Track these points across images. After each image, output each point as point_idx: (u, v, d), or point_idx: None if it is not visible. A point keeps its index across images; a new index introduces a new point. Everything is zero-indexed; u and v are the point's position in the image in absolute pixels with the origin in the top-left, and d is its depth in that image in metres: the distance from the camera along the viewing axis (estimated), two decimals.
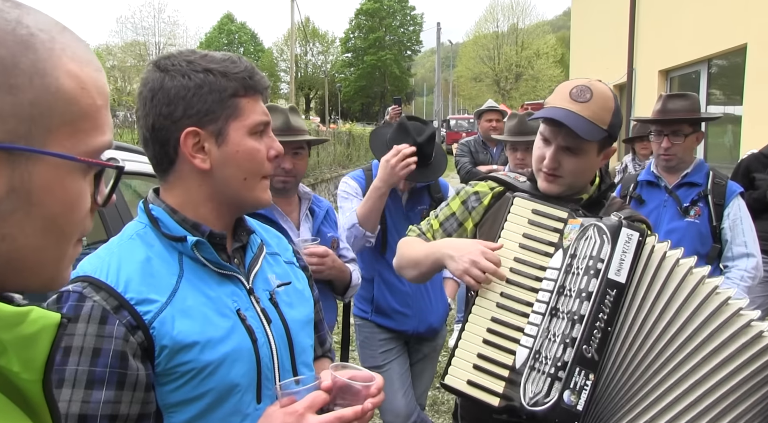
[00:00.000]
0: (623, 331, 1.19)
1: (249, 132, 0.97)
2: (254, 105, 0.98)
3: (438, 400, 3.61)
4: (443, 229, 1.54)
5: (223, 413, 0.93)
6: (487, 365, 1.24)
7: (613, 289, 1.20)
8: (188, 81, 0.94)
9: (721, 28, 6.78)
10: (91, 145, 0.54)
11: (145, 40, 40.04)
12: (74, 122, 0.52)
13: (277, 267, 1.11)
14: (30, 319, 0.48)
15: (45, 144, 0.50)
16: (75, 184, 0.53)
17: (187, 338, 0.90)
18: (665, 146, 2.42)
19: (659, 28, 8.78)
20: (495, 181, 1.52)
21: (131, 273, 0.91)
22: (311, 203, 2.05)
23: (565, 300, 1.22)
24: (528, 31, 41.01)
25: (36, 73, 0.49)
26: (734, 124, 6.77)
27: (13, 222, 0.50)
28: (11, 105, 0.48)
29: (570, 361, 1.16)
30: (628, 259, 1.21)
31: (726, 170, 3.57)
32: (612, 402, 1.17)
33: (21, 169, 0.49)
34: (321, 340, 1.24)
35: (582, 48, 13.74)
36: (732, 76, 7.05)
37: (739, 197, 2.38)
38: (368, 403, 0.91)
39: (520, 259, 1.31)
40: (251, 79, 0.97)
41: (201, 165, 0.96)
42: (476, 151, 4.33)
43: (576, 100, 1.34)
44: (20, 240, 0.51)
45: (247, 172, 0.98)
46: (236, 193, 0.99)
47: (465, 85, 42.93)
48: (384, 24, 52.06)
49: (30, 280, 0.54)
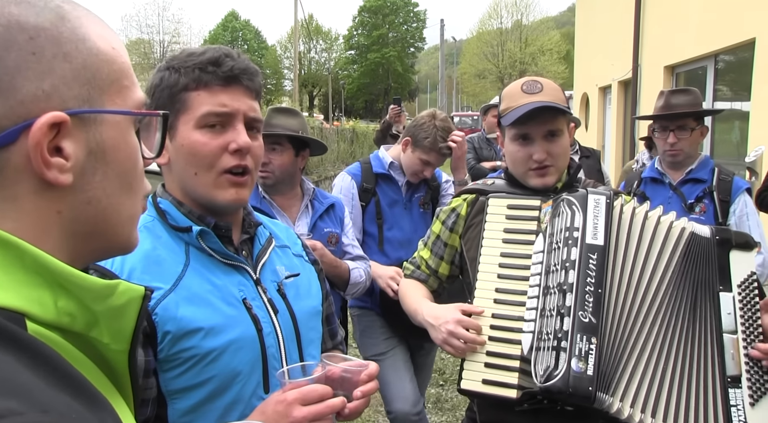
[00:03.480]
0: (614, 289, 1.23)
1: (196, 125, 0.95)
2: (208, 97, 0.95)
3: (441, 398, 3.60)
4: (434, 254, 1.58)
5: (225, 401, 0.94)
6: (498, 360, 1.27)
7: (594, 252, 1.23)
8: (157, 79, 0.98)
9: (728, 23, 6.71)
10: (136, 100, 0.57)
11: (149, 38, 40.19)
12: (118, 80, 0.55)
13: (285, 259, 1.12)
14: (119, 291, 0.51)
15: (103, 105, 0.53)
16: (133, 139, 0.57)
17: (191, 324, 0.91)
18: (671, 141, 2.39)
19: (665, 23, 8.70)
20: (467, 192, 1.57)
21: (136, 262, 0.93)
22: (314, 198, 2.06)
23: (553, 276, 1.26)
24: (532, 28, 40.81)
25: (78, 39, 0.52)
26: (742, 120, 6.70)
27: (96, 183, 0.53)
28: (70, 70, 0.51)
29: (570, 329, 1.17)
30: (601, 221, 1.26)
31: (733, 167, 3.53)
32: (617, 358, 1.19)
33: (93, 131, 0.52)
34: (332, 333, 1.24)
35: (586, 44, 13.65)
36: (740, 71, 6.98)
37: (745, 193, 2.35)
38: (358, 392, 0.92)
39: (506, 254, 1.36)
40: (204, 70, 0.94)
41: (160, 159, 0.98)
42: (480, 148, 4.32)
43: (533, 93, 1.43)
44: (103, 200, 0.54)
45: (195, 166, 0.96)
46: (192, 189, 0.98)
47: (469, 82, 42.81)
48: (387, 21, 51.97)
49: (112, 241, 0.56)
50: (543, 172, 1.44)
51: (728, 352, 1.21)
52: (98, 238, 0.55)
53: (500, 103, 1.51)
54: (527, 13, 41.52)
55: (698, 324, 1.23)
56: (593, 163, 4.17)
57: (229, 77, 0.95)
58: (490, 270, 1.35)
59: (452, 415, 3.41)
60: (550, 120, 1.41)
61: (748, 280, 1.27)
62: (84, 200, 0.53)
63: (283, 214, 1.97)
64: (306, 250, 1.22)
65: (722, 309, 1.24)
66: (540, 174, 1.44)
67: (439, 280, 1.59)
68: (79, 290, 0.49)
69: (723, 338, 1.22)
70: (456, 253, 1.55)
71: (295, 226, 1.98)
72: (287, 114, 2.05)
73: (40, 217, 0.50)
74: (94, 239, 0.55)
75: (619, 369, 1.18)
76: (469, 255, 1.47)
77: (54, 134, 0.49)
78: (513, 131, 1.45)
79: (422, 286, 1.58)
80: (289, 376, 0.92)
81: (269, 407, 0.89)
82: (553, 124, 1.42)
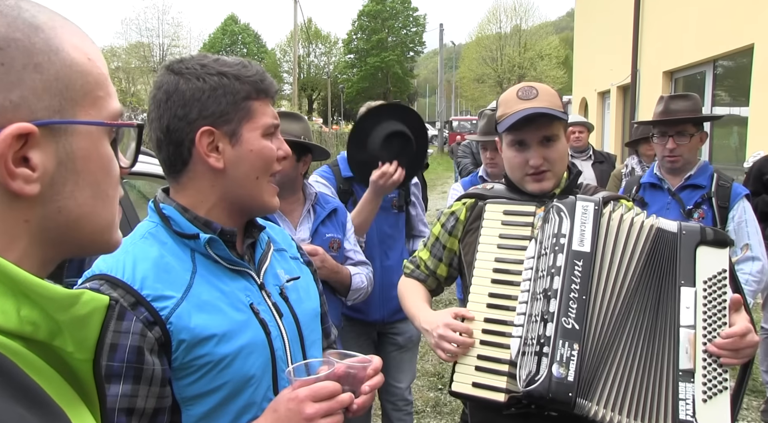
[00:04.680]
0: (599, 295, 1.24)
1: (262, 133, 1.01)
2: (265, 108, 1.02)
3: (440, 402, 3.59)
4: (432, 255, 1.61)
5: (238, 405, 0.96)
6: (488, 364, 1.28)
7: (580, 259, 1.24)
8: (203, 84, 0.97)
9: (727, 28, 6.74)
10: (110, 111, 0.58)
11: (149, 42, 40.20)
12: (92, 91, 0.56)
13: (284, 263, 1.15)
14: (83, 301, 0.51)
15: (75, 115, 0.54)
16: (106, 149, 0.57)
17: (204, 331, 0.93)
18: (670, 147, 2.39)
19: (664, 29, 8.74)
20: (466, 197, 1.59)
21: (146, 270, 0.93)
22: (316, 203, 2.06)
23: (540, 282, 1.27)
24: (531, 33, 40.91)
25: (51, 50, 0.52)
26: (740, 126, 6.72)
27: (66, 193, 0.53)
28: (41, 82, 0.51)
29: (552, 335, 1.18)
30: (588, 228, 1.27)
31: (732, 172, 3.54)
32: (599, 363, 1.20)
33: (63, 142, 0.53)
34: (326, 332, 1.26)
35: (585, 49, 13.70)
36: (738, 76, 7.01)
37: (744, 200, 2.35)
38: (365, 387, 0.96)
39: (501, 259, 1.38)
40: (262, 83, 1.01)
41: (215, 164, 0.98)
42: (478, 153, 4.32)
43: (528, 99, 1.44)
44: (75, 210, 0.54)
45: (259, 171, 1.01)
46: (248, 193, 1.02)
47: (468, 87, 42.88)
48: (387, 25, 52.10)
49: (88, 246, 0.58)
50: (540, 177, 1.45)
51: (683, 347, 1.20)
52: (72, 244, 0.56)
53: (497, 110, 1.52)
54: (526, 18, 41.65)
55: (659, 319, 1.24)
56: (608, 168, 4.15)
57: (273, 92, 1.05)
58: (485, 275, 1.38)
59: (451, 419, 3.40)
60: (545, 126, 1.43)
61: (717, 276, 1.25)
62: (54, 209, 0.53)
63: (284, 219, 1.97)
64: (300, 252, 1.24)
65: (681, 303, 1.23)
66: (537, 179, 1.45)
67: (438, 280, 1.62)
68: (42, 299, 0.49)
69: (679, 332, 1.22)
70: (454, 256, 1.57)
71: (297, 231, 1.98)
72: (290, 119, 2.05)
73: (6, 226, 0.51)
74: (68, 245, 0.56)
75: (600, 374, 1.19)
76: (466, 259, 1.50)
77: (21, 145, 0.49)
78: (509, 137, 1.47)
79: (421, 286, 1.61)
80: (294, 374, 0.94)
81: (281, 405, 0.91)
82: (549, 130, 1.43)
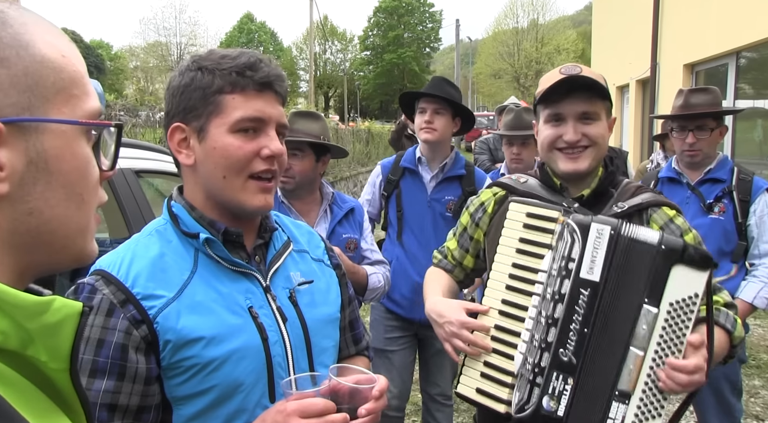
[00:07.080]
0: (605, 328, 1.16)
1: (230, 129, 0.94)
2: (244, 102, 0.94)
3: (457, 399, 3.59)
4: (460, 246, 1.56)
5: (229, 409, 0.94)
6: (493, 373, 1.25)
7: (586, 288, 1.15)
8: (182, 79, 0.96)
9: (750, 18, 6.57)
10: (86, 110, 0.55)
11: (167, 41, 40.76)
12: (66, 89, 0.53)
13: (302, 264, 1.10)
14: (53, 308, 0.49)
15: (47, 113, 0.52)
16: (82, 150, 0.55)
17: (192, 333, 0.91)
18: (690, 142, 2.36)
19: (684, 20, 8.56)
20: (498, 186, 1.51)
21: (141, 269, 0.93)
22: (333, 203, 2.06)
23: (545, 304, 1.21)
24: (548, 27, 40.42)
25: (20, 45, 0.51)
26: (764, 119, 6.56)
27: (37, 194, 0.51)
28: (8, 77, 0.49)
29: (547, 366, 1.14)
30: (601, 255, 1.16)
31: (755, 167, 3.47)
32: (598, 402, 1.14)
33: (33, 140, 0.51)
34: (355, 338, 1.22)
35: (603, 43, 13.49)
36: (762, 68, 6.84)
37: (766, 193, 2.32)
38: (362, 410, 0.90)
39: (518, 265, 1.30)
40: (242, 74, 0.94)
41: (185, 160, 0.98)
42: (495, 149, 4.29)
43: (569, 74, 1.33)
44: (46, 212, 0.52)
45: (224, 170, 0.95)
46: (219, 192, 0.97)
47: (484, 82, 42.58)
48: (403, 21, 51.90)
49: (62, 253, 0.55)
50: (574, 155, 1.32)
51: (627, 367, 1.13)
52: (44, 250, 0.53)
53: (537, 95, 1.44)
54: (543, 12, 41.17)
55: (615, 334, 1.15)
56: (619, 164, 4.09)
57: (264, 83, 0.96)
58: (500, 279, 1.32)
59: (468, 416, 3.40)
60: (585, 100, 1.29)
61: (686, 301, 1.13)
62: (24, 211, 0.51)
63: (301, 219, 1.99)
64: (330, 254, 1.20)
65: (639, 322, 1.14)
66: (571, 157, 1.32)
67: (465, 271, 1.57)
68: (10, 308, 0.46)
69: (628, 352, 1.14)
70: (480, 248, 1.53)
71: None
72: (309, 118, 2.05)
73: None
74: (40, 251, 0.53)
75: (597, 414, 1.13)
76: (489, 256, 1.45)
77: None
78: (546, 111, 1.36)
79: (447, 276, 1.56)
80: (297, 385, 0.90)
81: (269, 416, 0.89)
82: (590, 105, 1.30)
